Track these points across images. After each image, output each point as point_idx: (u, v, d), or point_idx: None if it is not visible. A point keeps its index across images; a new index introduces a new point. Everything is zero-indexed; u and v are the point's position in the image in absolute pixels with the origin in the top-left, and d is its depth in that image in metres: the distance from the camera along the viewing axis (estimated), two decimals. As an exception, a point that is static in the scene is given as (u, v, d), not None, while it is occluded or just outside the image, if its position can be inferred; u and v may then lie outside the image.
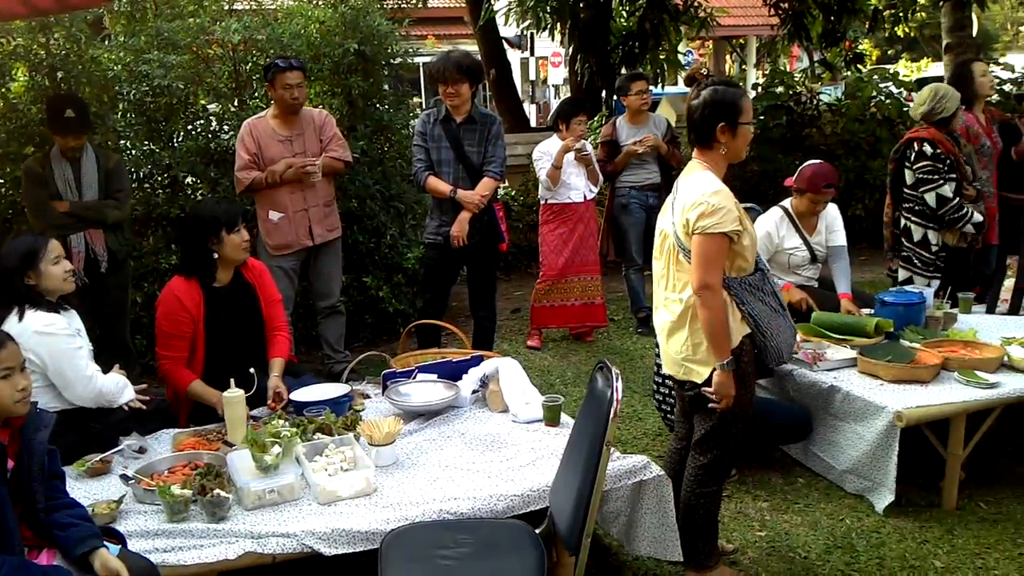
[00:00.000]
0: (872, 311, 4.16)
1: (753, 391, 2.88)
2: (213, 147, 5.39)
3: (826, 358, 3.76)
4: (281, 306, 3.74)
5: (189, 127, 5.50)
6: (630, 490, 2.88)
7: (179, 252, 4.68)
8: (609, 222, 5.97)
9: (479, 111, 4.67)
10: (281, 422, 3.00)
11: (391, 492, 2.74)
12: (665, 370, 2.98)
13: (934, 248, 4.60)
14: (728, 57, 21.83)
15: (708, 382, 2.76)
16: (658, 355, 3.78)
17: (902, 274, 4.78)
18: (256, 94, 5.59)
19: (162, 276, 5.00)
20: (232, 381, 3.10)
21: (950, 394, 3.40)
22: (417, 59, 7.57)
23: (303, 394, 3.38)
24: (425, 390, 3.43)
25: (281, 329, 3.66)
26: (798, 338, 3.99)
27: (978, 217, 4.44)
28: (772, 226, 4.40)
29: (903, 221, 4.69)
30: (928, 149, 4.47)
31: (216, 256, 3.44)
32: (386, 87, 5.99)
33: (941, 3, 9.23)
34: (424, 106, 10.91)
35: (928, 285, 4.57)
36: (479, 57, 10.99)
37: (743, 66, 20.77)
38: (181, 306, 3.37)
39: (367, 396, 3.60)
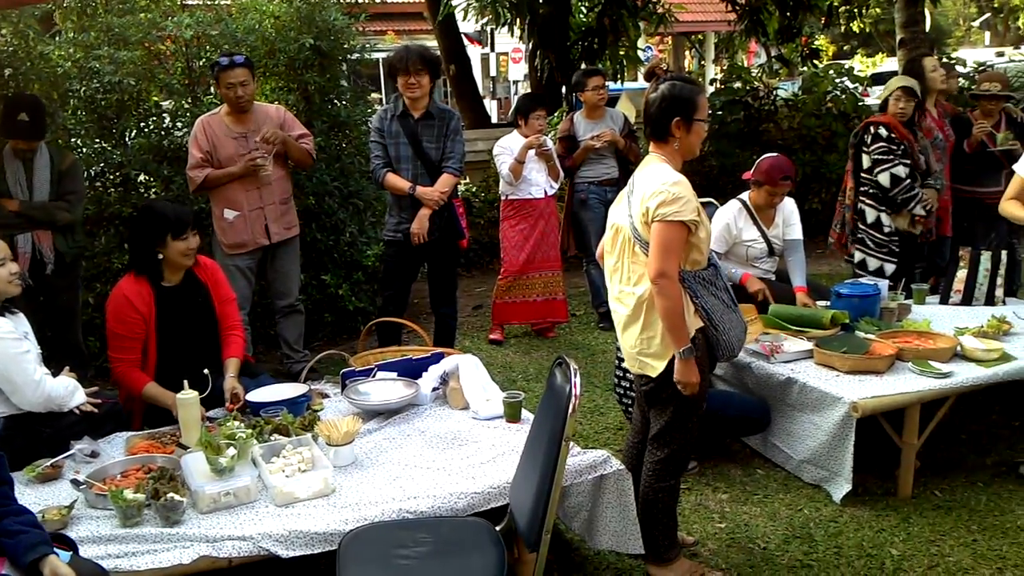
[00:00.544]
0: (829, 303, 4.21)
1: (708, 384, 2.90)
2: (166, 144, 5.30)
3: (783, 350, 3.80)
4: (235, 305, 3.68)
5: (141, 124, 5.39)
6: (591, 485, 2.88)
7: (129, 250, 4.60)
8: (569, 217, 5.98)
9: (437, 106, 4.64)
10: (236, 423, 2.96)
11: (350, 492, 2.71)
12: (623, 364, 2.98)
13: (886, 230, 4.73)
14: (687, 53, 22.00)
15: (662, 376, 2.77)
16: (619, 349, 3.80)
17: (857, 255, 4.90)
18: (210, 90, 5.50)
19: (115, 276, 4.90)
20: (186, 382, 3.05)
21: (904, 384, 3.45)
22: (376, 54, 7.49)
23: (260, 394, 3.33)
24: (384, 388, 3.40)
25: (235, 329, 3.60)
26: (758, 334, 4.05)
27: (929, 202, 4.52)
28: (731, 218, 4.45)
29: (859, 204, 4.83)
30: (883, 132, 4.63)
31: (162, 258, 3.38)
32: (344, 83, 5.93)
33: (894, -1, 9.39)
34: (384, 102, 10.83)
35: (881, 267, 4.72)
36: (438, 52, 10.96)
37: (702, 62, 20.93)
38: (131, 307, 3.30)
39: (326, 395, 3.56)
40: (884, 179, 4.61)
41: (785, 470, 3.72)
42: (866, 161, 4.72)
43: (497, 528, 2.50)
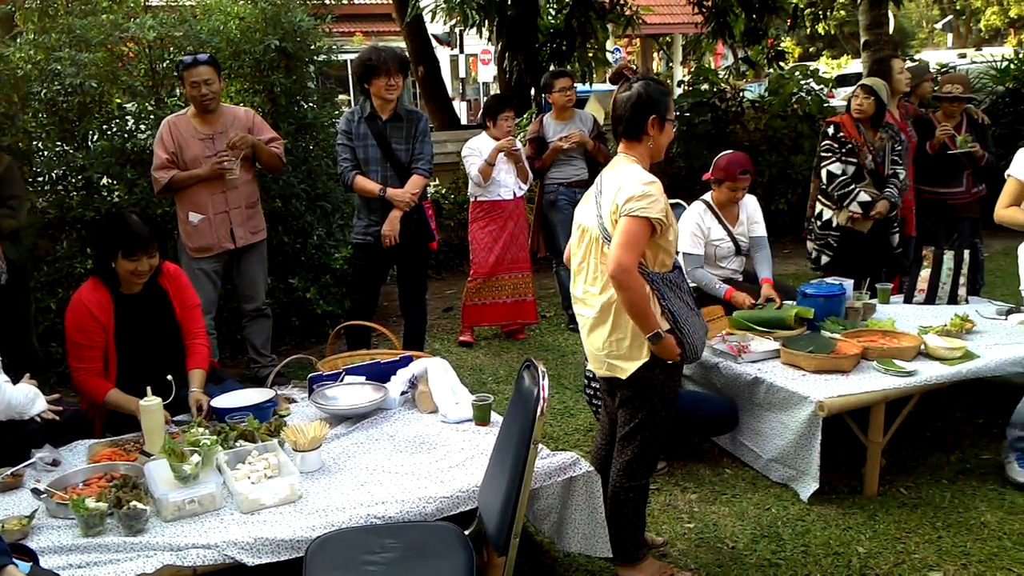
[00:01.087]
0: (795, 303, 4.25)
1: (678, 384, 2.91)
2: (129, 147, 5.21)
3: (750, 350, 3.83)
4: (199, 311, 3.61)
5: (104, 127, 5.30)
6: (560, 487, 2.87)
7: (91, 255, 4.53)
8: (539, 219, 5.98)
9: (405, 108, 4.62)
10: (201, 430, 2.92)
11: (316, 498, 2.68)
12: (589, 367, 2.99)
13: (826, 223, 4.89)
14: (655, 55, 22.12)
15: (633, 378, 2.77)
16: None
17: (809, 245, 5.09)
18: (175, 92, 5.43)
19: (77, 281, 4.80)
20: (149, 389, 3.00)
21: (869, 383, 3.49)
22: (344, 56, 7.45)
23: (225, 400, 3.30)
24: (352, 393, 3.37)
25: (198, 337, 3.52)
26: (723, 331, 4.08)
27: (864, 197, 4.58)
28: (698, 218, 4.49)
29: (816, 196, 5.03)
30: (831, 131, 4.78)
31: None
32: (310, 84, 5.89)
33: (859, 1, 9.50)
34: (353, 104, 10.77)
35: (818, 256, 4.95)
36: (407, 54, 10.92)
37: (670, 64, 21.06)
38: (90, 316, 3.24)
39: (293, 400, 3.53)
40: (824, 175, 4.76)
41: (753, 469, 3.75)
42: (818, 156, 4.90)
43: (466, 532, 2.48)
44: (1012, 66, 8.96)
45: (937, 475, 3.67)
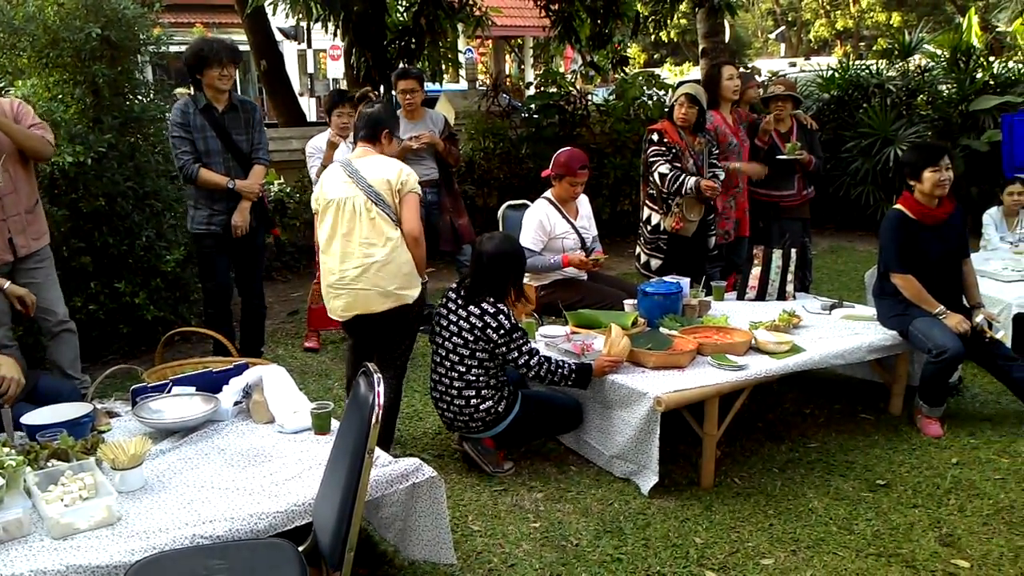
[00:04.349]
0: (635, 301, 4.35)
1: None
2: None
3: (594, 348, 3.88)
4: None
5: None
6: (404, 494, 2.81)
7: None
8: (387, 219, 5.86)
9: (238, 98, 4.63)
10: (6, 450, 2.66)
11: (137, 520, 2.50)
12: (355, 312, 3.68)
13: (655, 227, 5.02)
14: (508, 57, 22.33)
15: (415, 302, 3.65)
16: (435, 352, 3.74)
17: (639, 251, 5.18)
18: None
19: None
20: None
21: (704, 377, 3.61)
22: (181, 47, 7.04)
23: (36, 416, 3.01)
24: (180, 404, 3.16)
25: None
26: (567, 329, 4.13)
27: (691, 181, 4.77)
28: (543, 214, 4.59)
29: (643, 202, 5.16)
30: (655, 137, 4.93)
31: None
32: (139, 75, 5.52)
33: (696, 9, 9.90)
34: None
35: (648, 262, 5.07)
36: (248, 47, 10.51)
37: (522, 65, 21.31)
38: None
39: (115, 415, 3.28)
40: (656, 177, 4.90)
41: (597, 466, 3.80)
42: (646, 163, 5.02)
43: (300, 548, 2.37)
44: (837, 75, 9.56)
45: (769, 464, 3.84)
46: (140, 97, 5.46)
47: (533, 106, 9.06)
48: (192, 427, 3.08)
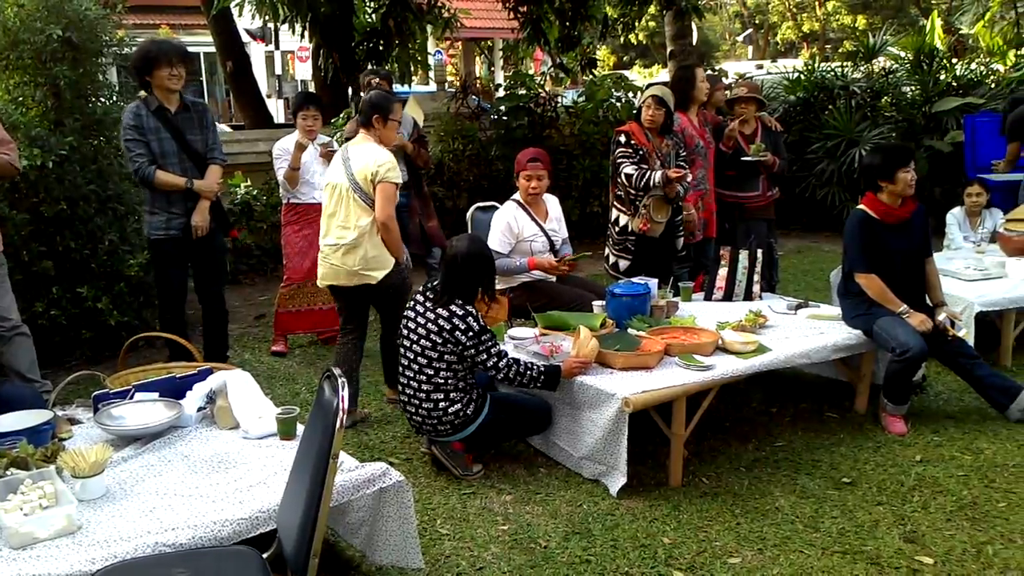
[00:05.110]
0: (604, 302, 4.36)
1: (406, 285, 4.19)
2: None
3: (562, 350, 3.88)
4: None
5: None
6: (371, 499, 2.79)
7: None
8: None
9: (189, 98, 4.61)
10: (-38, 460, 2.61)
11: (99, 529, 2.46)
12: (328, 282, 4.20)
13: (623, 229, 5.02)
14: (477, 58, 22.33)
15: (384, 280, 4.06)
16: (403, 355, 3.73)
17: (607, 252, 5.19)
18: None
19: None
20: None
21: (672, 378, 3.62)
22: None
23: (-6, 425, 2.96)
24: (142, 411, 3.12)
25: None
26: (536, 331, 4.13)
27: (657, 175, 4.79)
28: (511, 216, 4.60)
29: (611, 205, 5.17)
30: (622, 139, 4.93)
31: None
32: (101, 78, 5.45)
33: (663, 12, 9.95)
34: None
35: (617, 263, 5.07)
36: (214, 49, 10.42)
37: (491, 67, 21.32)
38: None
39: (77, 422, 3.24)
40: (623, 177, 4.91)
41: (566, 467, 3.80)
42: (614, 164, 5.03)
43: (264, 556, 2.34)
44: (803, 77, 9.66)
45: (736, 464, 3.86)
46: (103, 99, 5.39)
47: (503, 108, 9.06)
48: (155, 433, 3.04)
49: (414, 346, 3.66)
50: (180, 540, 2.39)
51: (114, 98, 5.40)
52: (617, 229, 5.06)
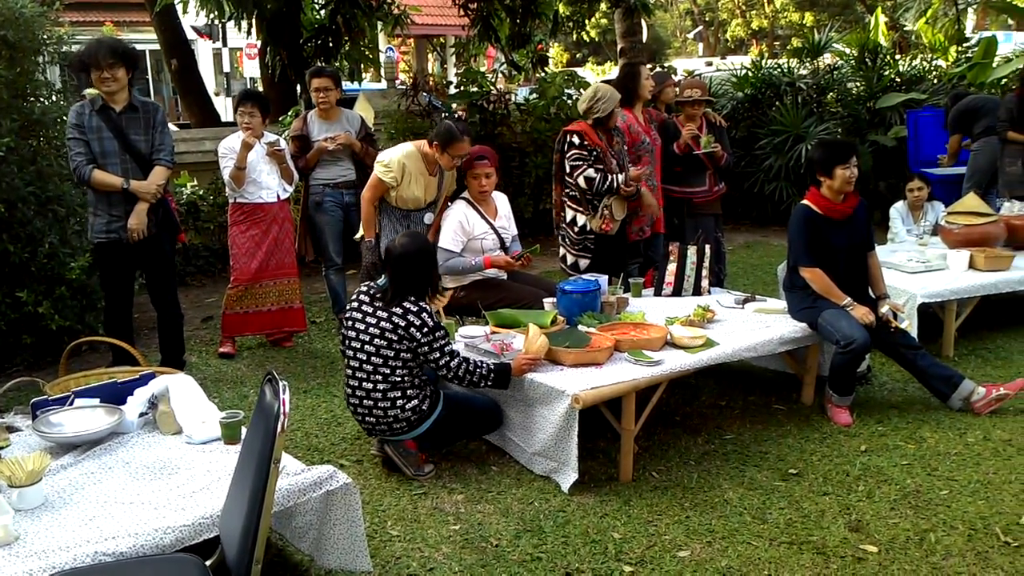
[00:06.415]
0: (555, 299, 4.37)
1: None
2: None
3: (513, 348, 3.88)
4: None
5: None
6: (318, 502, 2.76)
7: None
8: (305, 221, 5.76)
9: (139, 99, 4.52)
10: None
11: (36, 539, 2.41)
12: None
13: (581, 228, 5.04)
14: (429, 55, 22.22)
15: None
16: (352, 358, 3.69)
17: (561, 251, 5.21)
18: None
19: None
20: None
21: (621, 373, 3.64)
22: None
23: (-74, 435, 2.88)
24: (82, 417, 3.05)
25: None
26: (487, 330, 4.12)
27: (620, 177, 4.86)
28: (461, 215, 4.60)
29: (564, 204, 5.16)
30: (576, 140, 4.94)
31: None
32: (40, 76, 5.31)
33: (613, 9, 10.01)
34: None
35: (577, 263, 5.07)
36: (159, 46, 10.23)
37: (444, 64, 21.24)
38: None
39: (15, 429, 3.15)
40: (581, 182, 4.92)
41: (519, 465, 3.80)
42: (566, 165, 5.02)
43: (208, 563, 2.30)
44: (751, 74, 9.78)
45: (686, 457, 3.90)
46: (42, 99, 5.26)
47: (454, 105, 9.02)
48: (95, 440, 2.98)
49: (366, 347, 3.61)
50: (121, 549, 2.35)
51: (54, 97, 5.27)
52: (576, 229, 5.06)
